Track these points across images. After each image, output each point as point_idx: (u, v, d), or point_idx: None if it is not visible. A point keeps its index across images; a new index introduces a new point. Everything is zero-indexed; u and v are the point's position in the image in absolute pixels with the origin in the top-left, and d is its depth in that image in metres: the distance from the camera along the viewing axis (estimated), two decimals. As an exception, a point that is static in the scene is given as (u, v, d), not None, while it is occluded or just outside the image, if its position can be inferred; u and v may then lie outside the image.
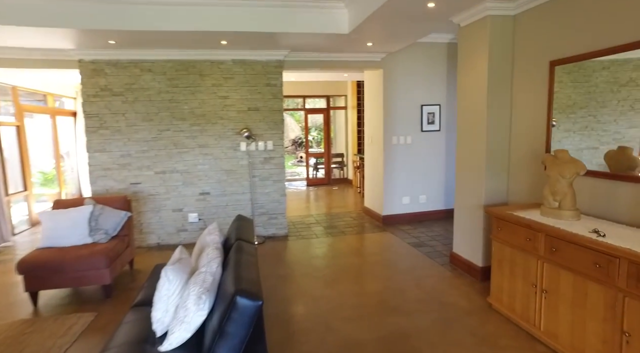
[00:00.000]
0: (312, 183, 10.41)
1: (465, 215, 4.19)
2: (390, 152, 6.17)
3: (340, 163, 10.68)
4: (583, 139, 3.10)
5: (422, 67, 6.11)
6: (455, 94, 6.31)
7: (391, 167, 6.21)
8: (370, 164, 6.77)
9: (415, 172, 6.31)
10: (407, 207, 6.36)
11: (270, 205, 5.69)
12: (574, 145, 3.16)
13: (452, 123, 6.36)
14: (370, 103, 6.60)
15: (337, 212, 7.21)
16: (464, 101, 4.12)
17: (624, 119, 2.74)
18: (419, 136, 6.26)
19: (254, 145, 5.51)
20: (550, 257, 2.66)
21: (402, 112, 6.15)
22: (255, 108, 5.48)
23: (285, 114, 17.00)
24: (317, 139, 15.39)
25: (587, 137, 3.07)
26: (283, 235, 5.78)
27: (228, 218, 5.54)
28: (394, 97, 6.09)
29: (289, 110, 16.37)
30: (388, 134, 6.13)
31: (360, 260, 4.70)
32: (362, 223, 6.38)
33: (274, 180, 5.65)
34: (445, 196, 6.49)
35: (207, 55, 5.19)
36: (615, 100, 2.83)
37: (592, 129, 3.04)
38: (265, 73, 5.46)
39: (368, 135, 6.78)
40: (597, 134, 3.00)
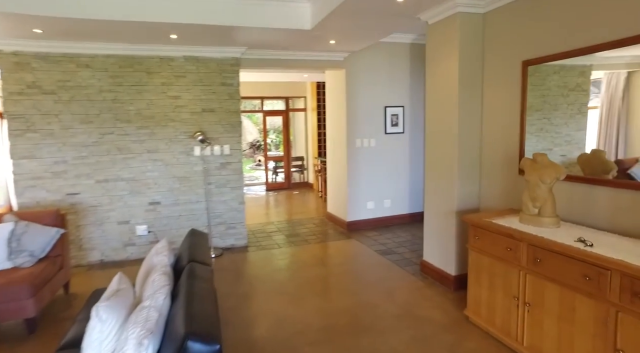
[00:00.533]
0: (271, 188, 10.02)
1: (436, 222, 4.00)
2: (353, 155, 5.94)
3: (300, 166, 10.36)
4: (539, 141, 3.17)
5: (385, 68, 5.94)
6: (419, 96, 6.19)
7: (355, 171, 5.98)
8: (332, 168, 6.51)
9: (380, 176, 6.12)
10: (372, 212, 6.15)
11: (228, 214, 5.27)
12: (532, 146, 3.20)
13: (416, 125, 6.23)
14: (332, 104, 6.35)
15: (299, 219, 6.89)
16: (433, 102, 3.94)
17: (572, 122, 2.83)
18: (383, 138, 6.08)
19: (209, 149, 5.08)
20: (533, 268, 2.49)
21: (366, 113, 5.94)
22: (210, 109, 5.05)
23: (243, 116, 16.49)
24: (276, 142, 15.00)
25: (543, 139, 3.16)
26: (242, 245, 5.38)
27: (182, 230, 5.07)
28: (357, 98, 5.86)
29: (247, 112, 15.83)
30: (351, 137, 5.90)
31: (327, 272, 4.40)
32: (325, 230, 6.09)
33: (231, 187, 5.25)
34: (409, 200, 6.35)
35: (156, 51, 4.71)
36: (565, 103, 2.94)
37: (546, 131, 3.15)
38: (220, 71, 5.04)
39: (330, 138, 6.52)
40: (551, 136, 3.11)
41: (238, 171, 5.26)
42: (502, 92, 3.40)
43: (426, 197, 4.15)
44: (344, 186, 6.06)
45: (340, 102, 5.98)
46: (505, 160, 3.42)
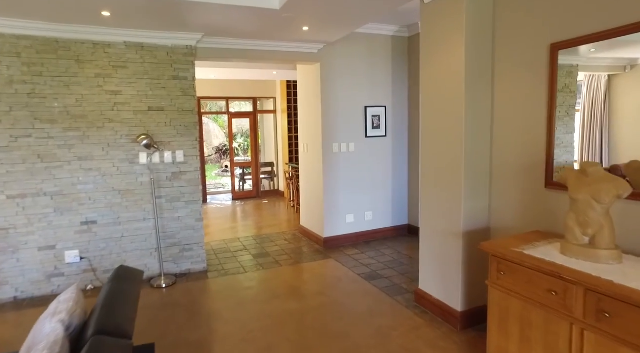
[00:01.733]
0: (238, 196, 9.10)
1: (435, 243, 3.27)
2: (330, 162, 5.16)
3: (270, 173, 9.50)
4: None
5: (365, 63, 5.21)
6: (402, 94, 5.49)
7: (332, 180, 5.20)
8: (306, 176, 5.71)
9: (360, 185, 5.37)
10: (352, 227, 5.39)
11: (182, 233, 4.36)
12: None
13: (399, 127, 5.53)
14: (305, 104, 5.56)
15: (268, 234, 6.04)
16: (430, 98, 3.21)
17: (561, 124, 2.50)
18: (363, 143, 5.34)
19: (157, 156, 4.17)
20: (596, 325, 1.77)
21: (344, 114, 5.18)
22: (159, 108, 4.14)
23: (208, 118, 15.38)
24: (244, 147, 14.05)
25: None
26: (201, 270, 4.48)
27: (125, 255, 4.12)
28: (333, 96, 5.10)
29: (210, 114, 14.76)
30: (327, 141, 5.12)
31: (302, 306, 3.58)
32: (299, 248, 5.27)
33: (186, 201, 4.35)
34: (393, 211, 5.63)
35: (88, 34, 3.77)
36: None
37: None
38: (171, 62, 4.15)
39: (303, 143, 5.72)
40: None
41: (194, 182, 4.36)
42: (521, 84, 2.71)
43: (422, 213, 3.41)
44: (319, 197, 5.27)
45: (315, 101, 5.20)
46: (525, 168, 2.72)
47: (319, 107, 5.10)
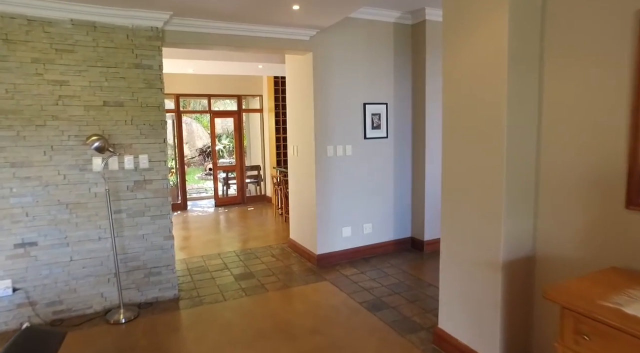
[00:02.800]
0: (222, 202, 8.30)
1: (461, 275, 2.55)
2: (324, 167, 4.43)
3: (256, 177, 8.73)
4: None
5: (363, 53, 4.49)
6: (405, 90, 4.79)
7: (326, 188, 4.47)
8: (296, 183, 4.96)
9: (358, 194, 4.65)
10: (349, 241, 4.66)
11: (148, 254, 3.58)
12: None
13: (401, 127, 4.83)
14: (295, 102, 4.81)
15: (254, 248, 5.27)
16: (457, 91, 2.49)
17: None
18: (362, 145, 4.62)
19: (116, 161, 3.38)
20: None
21: (340, 113, 4.45)
22: (117, 103, 3.36)
23: (191, 118, 14.44)
24: (229, 148, 13.23)
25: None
26: (171, 298, 3.70)
27: (74, 283, 3.32)
28: (328, 92, 4.37)
29: (191, 113, 13.83)
30: (321, 143, 4.39)
31: (295, 349, 2.84)
32: (288, 267, 4.52)
33: (152, 215, 3.56)
34: (395, 223, 4.92)
35: (18, 5, 2.96)
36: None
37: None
38: (132, 47, 3.37)
39: (292, 145, 4.97)
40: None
41: (162, 192, 3.58)
42: (586, 69, 2.00)
43: (444, 235, 2.69)
44: (311, 207, 4.53)
45: (306, 97, 4.46)
46: (591, 180, 2.02)
47: (311, 105, 4.36)
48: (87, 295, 3.37)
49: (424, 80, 4.63)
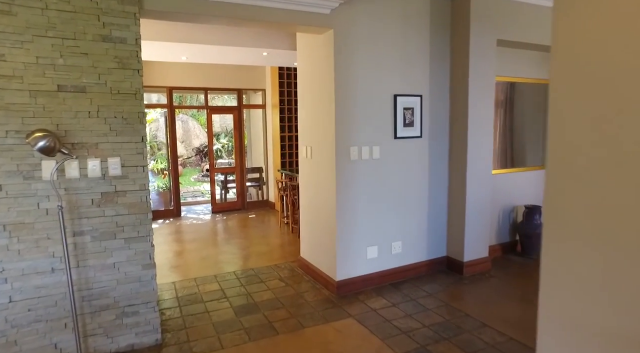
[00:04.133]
0: (219, 208, 7.39)
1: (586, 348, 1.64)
2: (347, 172, 3.53)
3: (257, 180, 7.82)
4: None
5: (395, 33, 3.60)
6: (443, 79, 3.91)
7: (349, 198, 3.57)
8: (309, 191, 4.06)
9: (387, 205, 3.76)
10: (375, 264, 3.77)
11: (121, 289, 2.67)
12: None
13: (438, 124, 3.94)
14: (310, 93, 3.91)
15: (257, 267, 4.36)
16: (580, 71, 1.60)
17: None
18: (392, 146, 3.73)
19: (75, 167, 2.48)
20: None
21: (366, 107, 3.56)
22: (77, 87, 2.45)
23: (186, 115, 13.46)
24: (228, 148, 12.31)
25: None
26: (151, 345, 2.79)
27: (13, 332, 2.41)
28: (352, 80, 3.47)
29: (185, 109, 12.83)
30: (343, 144, 3.49)
31: None
32: (301, 295, 3.62)
33: (127, 237, 2.66)
34: (429, 240, 4.03)
35: None
36: None
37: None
38: (98, 12, 2.46)
39: (305, 146, 4.08)
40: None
41: (141, 207, 2.67)
42: None
43: (546, 278, 1.78)
44: (329, 221, 3.64)
45: (325, 87, 3.56)
46: None
47: (330, 96, 3.46)
48: (34, 349, 2.46)
49: (466, 67, 3.74)
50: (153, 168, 10.31)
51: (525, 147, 4.63)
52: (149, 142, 11.77)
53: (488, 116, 3.91)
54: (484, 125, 3.89)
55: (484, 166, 3.95)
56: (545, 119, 4.72)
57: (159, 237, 5.76)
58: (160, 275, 4.15)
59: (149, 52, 5.33)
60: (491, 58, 3.82)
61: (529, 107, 4.56)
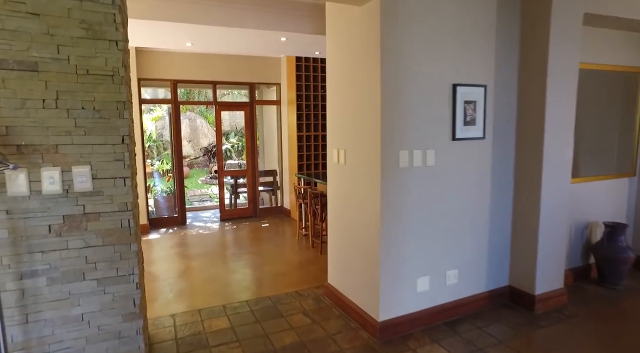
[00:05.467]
0: (229, 215, 6.60)
1: None
2: (394, 183, 2.70)
3: (271, 184, 7.02)
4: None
5: (453, 9, 2.77)
6: (509, 67, 3.06)
7: (397, 216, 2.74)
8: (341, 205, 3.23)
9: (442, 224, 2.92)
10: (426, 298, 2.93)
11: (92, 350, 1.88)
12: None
13: (504, 123, 3.10)
14: (344, 82, 3.08)
15: (275, 296, 3.54)
16: None
17: None
18: (449, 149, 2.89)
19: (23, 179, 1.69)
20: None
21: (419, 100, 2.72)
22: (25, 64, 1.65)
23: (194, 113, 12.65)
24: (239, 148, 11.53)
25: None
26: None
27: None
28: (404, 66, 2.64)
29: (190, 105, 12.04)
30: (391, 147, 2.66)
31: None
32: (333, 340, 2.79)
33: (100, 277, 1.86)
34: (489, 267, 3.19)
35: None
36: None
37: None
38: (56, -46, 1.68)
39: (336, 149, 3.25)
40: None
41: (121, 234, 1.87)
42: None
43: None
44: (369, 244, 2.81)
45: (366, 75, 2.73)
46: None
47: (374, 87, 2.64)
48: None
49: (544, 50, 2.89)
50: (158, 168, 9.57)
51: (599, 151, 3.74)
52: (154, 141, 11.01)
53: (569, 114, 3.05)
54: (565, 124, 3.04)
55: (562, 176, 3.10)
56: (630, 115, 3.83)
57: (161, 251, 4.99)
58: (159, 304, 3.38)
59: (148, 37, 4.55)
60: (576, 39, 2.96)
61: (603, 99, 3.67)
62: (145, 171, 6.04)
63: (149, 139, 11.14)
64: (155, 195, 6.86)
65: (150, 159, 10.94)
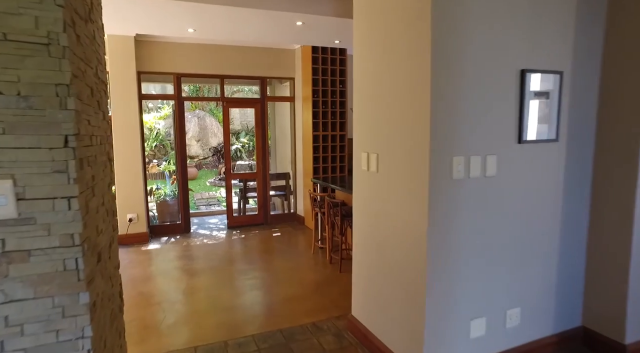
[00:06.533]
0: (237, 222, 6.00)
1: None
2: (446, 198, 2.04)
3: (283, 188, 6.41)
4: None
5: (529, -35, 2.10)
6: (591, 50, 2.36)
7: (449, 241, 2.09)
8: (372, 222, 2.57)
9: (503, 251, 2.26)
10: (481, 345, 2.27)
11: None
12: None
13: (581, 121, 2.42)
14: (377, 69, 2.42)
15: (288, 329, 2.90)
16: None
17: None
18: (514, 155, 2.21)
19: None
20: None
21: (479, 91, 2.06)
22: None
23: (203, 111, 12.03)
24: (249, 148, 10.95)
25: None
26: None
27: None
28: (459, 47, 1.98)
29: (196, 100, 11.42)
30: (442, 153, 2.00)
31: None
32: (362, 399, 2.16)
33: (31, 347, 1.25)
34: (556, 304, 2.50)
35: None
36: None
37: None
38: None
39: (364, 152, 2.60)
40: None
41: (66, 282, 1.25)
42: None
43: None
44: (411, 276, 2.15)
45: (410, 61, 2.07)
46: None
47: (422, 73, 1.98)
48: None
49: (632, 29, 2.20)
50: (165, 169, 9.04)
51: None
52: (162, 140, 10.51)
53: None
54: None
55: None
56: None
57: (159, 264, 4.41)
58: (149, 336, 2.78)
59: (144, 23, 3.96)
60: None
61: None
62: (146, 173, 5.48)
63: (155, 138, 10.64)
64: (159, 199, 6.30)
65: (157, 159, 10.43)
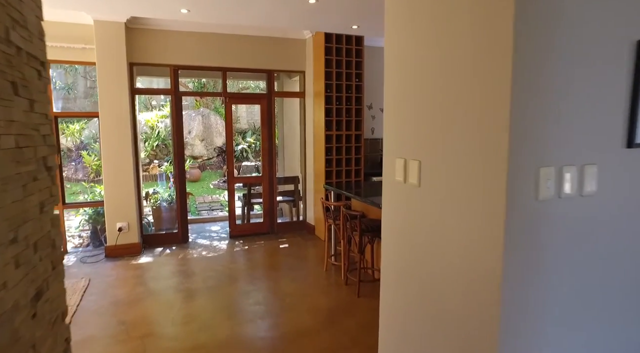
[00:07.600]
0: (240, 231, 5.41)
1: None
2: (526, 227, 1.42)
3: (292, 194, 5.81)
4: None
5: None
6: None
7: (531, 288, 1.46)
8: (410, 251, 1.95)
9: (606, 297, 1.62)
10: None
11: None
12: None
13: None
14: (419, 51, 1.80)
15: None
16: None
17: None
18: (621, 165, 1.57)
19: None
20: None
21: (573, 75, 1.43)
22: None
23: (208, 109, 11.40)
24: (255, 149, 10.36)
25: None
26: None
27: None
28: (552, 16, 1.35)
29: (195, 95, 10.82)
30: (524, 163, 1.37)
31: None
32: None
33: None
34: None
35: None
36: None
37: None
38: None
39: (399, 158, 1.98)
40: None
41: None
42: None
43: None
44: (475, 333, 1.53)
45: (477, 36, 1.45)
46: None
47: (499, 52, 1.35)
48: None
49: None
50: (166, 170, 8.50)
51: None
52: (163, 139, 9.97)
53: None
54: None
55: None
56: None
57: (149, 283, 3.83)
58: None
59: (128, 3, 3.38)
60: None
61: None
62: (140, 176, 4.91)
63: (157, 137, 10.11)
64: (156, 204, 5.74)
65: (158, 159, 9.91)
